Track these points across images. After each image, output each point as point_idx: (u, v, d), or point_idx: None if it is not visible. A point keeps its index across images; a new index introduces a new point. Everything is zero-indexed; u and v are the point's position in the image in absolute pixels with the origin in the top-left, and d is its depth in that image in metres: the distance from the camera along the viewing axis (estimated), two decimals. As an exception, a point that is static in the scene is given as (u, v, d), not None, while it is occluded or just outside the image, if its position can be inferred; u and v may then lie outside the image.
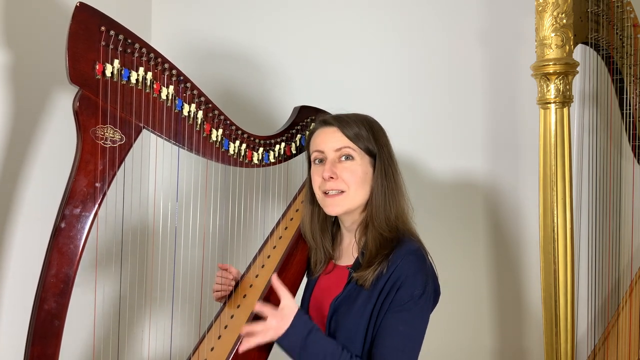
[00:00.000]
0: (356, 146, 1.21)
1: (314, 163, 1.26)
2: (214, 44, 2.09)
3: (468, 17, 1.92)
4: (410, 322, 1.12)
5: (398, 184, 1.24)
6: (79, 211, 1.05)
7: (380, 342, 1.13)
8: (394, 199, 1.22)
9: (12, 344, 1.46)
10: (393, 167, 1.24)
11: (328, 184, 1.21)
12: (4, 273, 1.47)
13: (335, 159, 1.21)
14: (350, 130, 1.21)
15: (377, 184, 1.21)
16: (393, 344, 1.11)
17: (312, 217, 1.31)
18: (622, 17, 1.54)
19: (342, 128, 1.22)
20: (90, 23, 1.06)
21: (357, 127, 1.22)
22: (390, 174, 1.23)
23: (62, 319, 1.04)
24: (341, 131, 1.22)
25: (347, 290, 1.20)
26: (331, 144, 1.22)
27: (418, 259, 1.16)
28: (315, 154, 1.25)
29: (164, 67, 1.16)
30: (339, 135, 1.22)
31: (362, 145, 1.21)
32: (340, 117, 1.25)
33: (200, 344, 1.30)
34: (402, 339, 1.11)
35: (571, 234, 1.45)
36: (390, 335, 1.12)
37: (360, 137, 1.21)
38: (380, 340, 1.13)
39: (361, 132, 1.21)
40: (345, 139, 1.21)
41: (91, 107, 1.07)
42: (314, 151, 1.26)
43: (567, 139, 1.44)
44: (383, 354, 1.11)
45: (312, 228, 1.31)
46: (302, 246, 1.35)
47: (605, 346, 1.71)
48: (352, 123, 1.22)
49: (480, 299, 1.94)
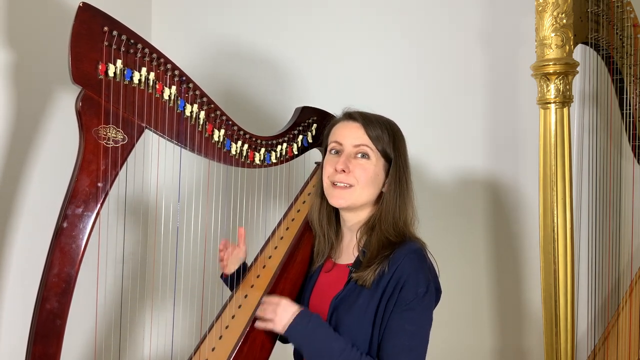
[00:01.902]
0: (375, 147, 1.23)
1: (329, 153, 1.28)
2: (215, 44, 2.09)
3: (468, 17, 1.93)
4: (416, 320, 1.13)
5: (409, 193, 1.26)
6: (81, 211, 1.05)
7: (388, 342, 1.13)
8: (404, 206, 1.24)
9: (13, 343, 1.46)
10: (407, 175, 1.26)
11: (338, 176, 1.23)
12: (5, 272, 1.47)
13: (352, 153, 1.23)
14: (373, 131, 1.23)
15: (390, 189, 1.23)
16: (401, 343, 1.12)
17: (321, 207, 1.33)
18: (622, 17, 1.54)
19: (365, 126, 1.23)
20: (93, 23, 1.06)
21: (380, 130, 1.23)
22: (404, 182, 1.25)
23: (63, 318, 1.04)
24: (364, 129, 1.23)
25: (347, 289, 1.20)
26: (351, 139, 1.24)
27: (419, 257, 1.17)
28: (333, 144, 1.27)
29: (167, 68, 1.16)
30: (361, 132, 1.23)
31: (380, 147, 1.23)
32: (366, 115, 1.26)
33: (201, 343, 1.30)
34: (410, 338, 1.12)
35: (571, 234, 1.45)
36: (398, 335, 1.12)
37: (380, 139, 1.23)
38: (388, 340, 1.13)
39: (383, 135, 1.23)
40: (366, 137, 1.23)
41: (94, 107, 1.07)
42: (332, 141, 1.27)
43: (567, 139, 1.44)
44: (392, 353, 1.12)
45: (319, 216, 1.33)
46: (304, 246, 1.35)
47: (605, 346, 1.71)
48: (376, 124, 1.24)
49: (480, 298, 1.94)
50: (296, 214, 1.46)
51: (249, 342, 1.22)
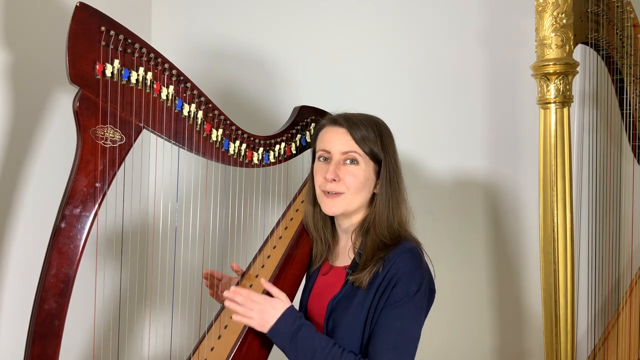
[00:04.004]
0: (362, 151, 1.22)
1: (318, 160, 1.28)
2: (213, 43, 2.09)
3: (468, 17, 1.92)
4: (404, 318, 1.13)
5: (401, 191, 1.25)
6: (79, 211, 1.05)
7: (375, 338, 1.13)
8: (397, 207, 1.23)
9: (12, 344, 1.46)
10: (397, 173, 1.25)
11: (329, 185, 1.22)
12: (4, 273, 1.47)
13: (340, 161, 1.22)
14: (358, 133, 1.22)
15: (381, 191, 1.23)
16: (387, 340, 1.12)
17: (315, 213, 1.33)
18: (622, 17, 1.54)
19: (350, 130, 1.22)
20: (91, 23, 1.06)
21: (366, 130, 1.22)
22: (395, 182, 1.24)
23: (62, 319, 1.04)
24: (349, 133, 1.22)
25: (344, 290, 1.21)
26: (338, 146, 1.23)
27: (414, 257, 1.17)
28: (320, 152, 1.27)
29: (164, 67, 1.16)
30: (347, 137, 1.22)
31: (368, 149, 1.22)
32: (350, 118, 1.25)
33: (200, 343, 1.30)
34: (396, 335, 1.12)
35: (571, 234, 1.45)
36: (385, 332, 1.12)
37: (367, 141, 1.22)
38: (375, 336, 1.14)
39: (369, 135, 1.22)
40: (353, 142, 1.22)
41: (91, 107, 1.07)
42: (320, 149, 1.27)
43: (567, 139, 1.44)
44: (378, 351, 1.12)
45: (314, 221, 1.33)
46: (303, 246, 1.35)
47: (605, 346, 1.71)
48: (361, 125, 1.22)
49: (480, 298, 1.94)
50: (295, 213, 1.46)
51: (248, 341, 1.22)
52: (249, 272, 1.39)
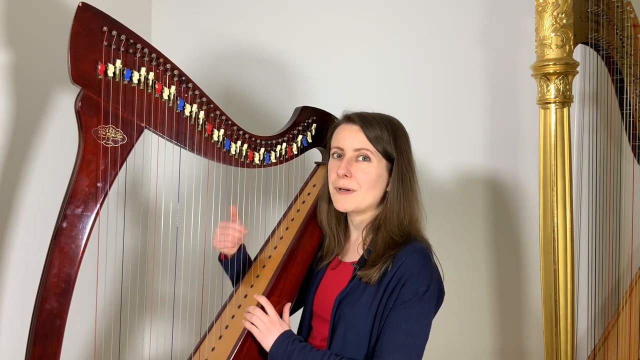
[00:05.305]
0: (375, 149, 1.22)
1: (332, 157, 1.29)
2: (214, 43, 2.09)
3: (468, 17, 1.93)
4: (413, 318, 1.13)
5: (414, 190, 1.25)
6: (81, 211, 1.05)
7: (383, 337, 1.14)
8: (409, 205, 1.23)
9: (13, 344, 1.46)
10: (410, 173, 1.25)
11: (341, 182, 1.23)
12: (5, 272, 1.47)
13: (353, 157, 1.23)
14: (372, 132, 1.22)
15: (393, 189, 1.23)
16: (395, 340, 1.12)
17: (329, 211, 1.33)
18: (622, 17, 1.54)
19: (364, 128, 1.23)
20: (93, 23, 1.06)
21: (380, 130, 1.23)
22: (407, 180, 1.24)
23: (63, 318, 1.04)
24: (363, 131, 1.23)
25: (351, 285, 1.21)
26: (351, 143, 1.24)
27: (423, 257, 1.18)
28: (334, 149, 1.28)
29: (166, 68, 1.16)
30: (360, 135, 1.23)
31: (381, 148, 1.22)
32: (365, 116, 1.26)
33: (201, 343, 1.30)
34: (404, 336, 1.12)
35: (571, 234, 1.45)
36: (393, 332, 1.13)
37: (380, 140, 1.22)
38: (383, 336, 1.14)
39: (383, 134, 1.23)
40: (366, 139, 1.22)
41: (93, 107, 1.07)
42: (334, 146, 1.28)
43: (567, 139, 1.44)
44: (386, 350, 1.12)
45: (328, 218, 1.34)
46: (304, 246, 1.36)
47: (605, 346, 1.71)
48: (375, 124, 1.23)
49: (480, 298, 1.94)
50: (296, 213, 1.46)
51: (249, 341, 1.22)
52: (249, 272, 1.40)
